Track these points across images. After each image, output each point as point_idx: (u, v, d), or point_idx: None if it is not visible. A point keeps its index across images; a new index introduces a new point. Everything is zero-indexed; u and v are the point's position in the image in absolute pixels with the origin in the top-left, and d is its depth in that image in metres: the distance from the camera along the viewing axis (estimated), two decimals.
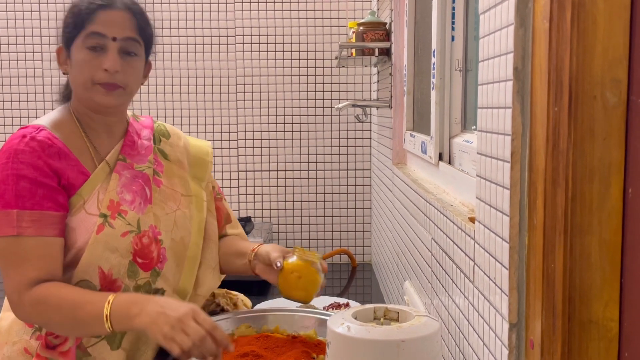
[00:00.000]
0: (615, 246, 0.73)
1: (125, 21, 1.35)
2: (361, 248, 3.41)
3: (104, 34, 1.32)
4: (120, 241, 1.33)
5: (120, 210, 1.35)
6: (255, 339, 1.38)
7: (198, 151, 1.58)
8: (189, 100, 3.32)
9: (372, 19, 2.51)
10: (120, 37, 1.33)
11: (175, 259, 1.43)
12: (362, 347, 0.96)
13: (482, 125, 1.01)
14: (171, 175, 1.48)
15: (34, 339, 1.33)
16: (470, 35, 1.58)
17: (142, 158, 1.44)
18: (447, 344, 1.31)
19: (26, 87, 3.32)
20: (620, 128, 0.71)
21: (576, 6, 0.70)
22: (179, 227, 1.44)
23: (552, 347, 0.76)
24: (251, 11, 3.28)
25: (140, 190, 1.40)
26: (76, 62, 1.34)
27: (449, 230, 1.29)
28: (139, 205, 1.38)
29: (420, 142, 1.90)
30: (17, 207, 1.26)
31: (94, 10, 1.33)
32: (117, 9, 1.35)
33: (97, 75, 1.33)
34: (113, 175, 1.37)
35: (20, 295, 1.25)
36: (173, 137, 1.55)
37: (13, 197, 1.26)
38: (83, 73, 1.33)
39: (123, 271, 1.34)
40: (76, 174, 1.33)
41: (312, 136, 3.34)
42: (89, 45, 1.32)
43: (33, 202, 1.27)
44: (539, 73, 0.78)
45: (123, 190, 1.37)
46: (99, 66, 1.32)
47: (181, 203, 1.47)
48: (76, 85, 1.36)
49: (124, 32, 1.34)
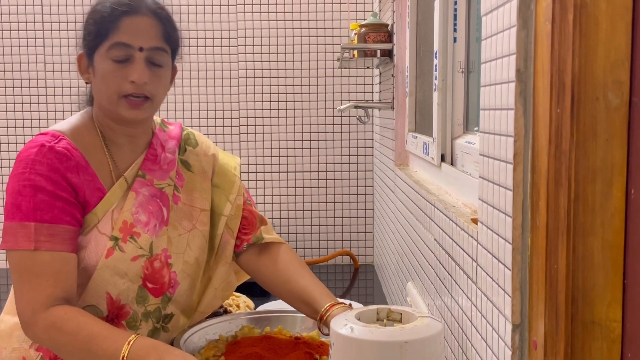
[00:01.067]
0: (617, 247, 0.73)
1: (151, 28, 1.26)
2: (363, 249, 3.41)
3: (129, 44, 1.24)
4: (130, 265, 1.27)
5: (133, 233, 1.28)
6: (258, 340, 1.38)
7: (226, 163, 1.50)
8: (192, 102, 3.33)
9: (374, 21, 2.52)
10: (147, 47, 1.25)
11: (190, 281, 1.37)
12: (365, 348, 0.96)
13: (485, 127, 1.01)
14: (191, 188, 1.40)
15: (33, 349, 1.28)
16: (472, 37, 1.58)
17: (164, 174, 1.36)
18: (450, 345, 1.31)
19: (37, 89, 3.33)
20: (623, 129, 0.71)
21: (578, 8, 0.71)
22: (193, 248, 1.37)
23: (555, 347, 0.76)
24: (253, 13, 3.28)
25: (157, 211, 1.33)
26: (100, 74, 1.26)
27: (452, 232, 1.29)
28: (154, 227, 1.31)
29: (422, 143, 1.90)
30: (35, 220, 1.20)
31: (117, 17, 1.24)
32: (143, 15, 1.25)
33: (124, 87, 1.25)
34: (130, 194, 1.30)
35: (35, 314, 1.19)
36: (200, 146, 1.47)
37: (31, 209, 1.20)
38: (108, 86, 1.25)
39: (132, 296, 1.29)
40: (92, 190, 1.27)
41: (314, 137, 3.34)
42: (114, 57, 1.24)
43: (51, 215, 1.21)
44: (541, 75, 0.78)
45: (139, 211, 1.30)
46: (125, 78, 1.24)
47: (198, 220, 1.39)
48: (100, 97, 1.28)
49: (150, 41, 1.25)
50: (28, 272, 1.20)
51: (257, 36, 3.29)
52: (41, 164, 1.22)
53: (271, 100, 3.32)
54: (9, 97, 3.31)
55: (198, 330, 1.42)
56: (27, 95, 3.32)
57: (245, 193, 1.52)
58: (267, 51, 3.30)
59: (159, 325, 1.33)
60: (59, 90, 3.30)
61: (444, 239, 1.38)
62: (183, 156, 1.42)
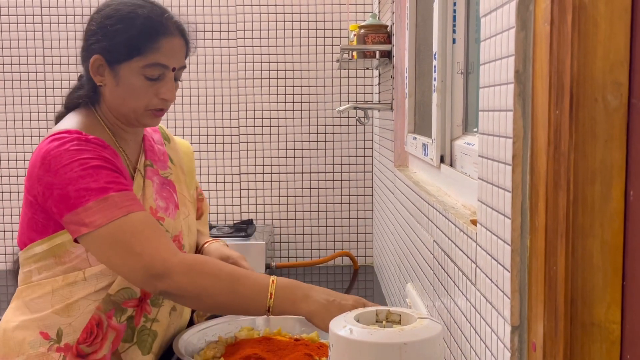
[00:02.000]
0: (616, 248, 0.73)
1: (181, 49, 1.34)
2: (363, 250, 3.41)
3: (167, 65, 1.30)
4: None
5: (158, 218, 1.34)
6: (258, 342, 1.38)
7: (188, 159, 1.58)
8: (191, 103, 3.33)
9: (374, 22, 2.52)
10: (177, 67, 1.33)
11: None
12: (364, 349, 0.96)
13: (484, 128, 1.01)
14: (178, 180, 1.48)
15: (53, 351, 1.27)
16: (471, 38, 1.58)
17: (163, 164, 1.44)
18: (449, 346, 1.31)
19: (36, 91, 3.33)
20: (622, 131, 0.71)
21: (577, 9, 0.71)
22: (191, 232, 1.47)
23: (554, 349, 0.76)
24: (252, 14, 3.28)
25: (169, 197, 1.40)
26: (128, 86, 1.29)
27: (451, 233, 1.29)
28: (173, 211, 1.39)
29: (421, 144, 1.91)
30: (113, 191, 1.21)
31: (155, 37, 1.28)
32: (176, 37, 1.32)
33: (153, 102, 1.31)
34: (147, 182, 1.36)
35: (167, 262, 1.18)
36: (172, 141, 1.56)
37: (103, 184, 1.21)
38: (138, 100, 1.30)
39: None
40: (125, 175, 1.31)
41: (313, 139, 3.34)
42: (149, 75, 1.28)
43: (121, 185, 1.23)
44: (540, 76, 0.78)
45: (157, 197, 1.37)
46: (155, 93, 1.30)
47: (188, 208, 1.49)
48: (123, 107, 1.32)
49: (180, 61, 1.34)
50: (132, 235, 1.20)
51: (256, 37, 3.29)
52: (87, 151, 1.23)
53: (270, 101, 3.32)
54: (8, 98, 3.31)
55: (197, 332, 1.42)
56: (27, 97, 3.32)
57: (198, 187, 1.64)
58: (267, 52, 3.30)
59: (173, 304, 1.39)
60: (58, 92, 3.29)
61: (443, 240, 1.38)
62: (167, 149, 1.51)
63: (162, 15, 1.31)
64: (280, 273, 3.27)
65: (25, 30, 3.29)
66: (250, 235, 3.00)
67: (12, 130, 3.33)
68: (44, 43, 3.30)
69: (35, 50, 3.30)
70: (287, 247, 3.40)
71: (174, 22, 1.33)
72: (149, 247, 1.19)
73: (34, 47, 3.29)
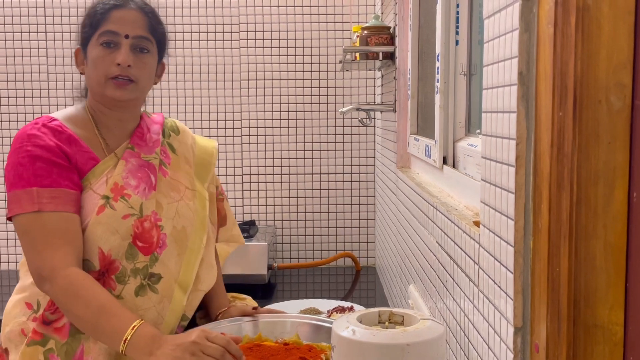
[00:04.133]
0: (620, 250, 0.73)
1: (137, 20, 1.42)
2: (365, 252, 3.41)
3: (116, 31, 1.40)
4: (121, 223, 1.38)
5: (123, 194, 1.40)
6: (248, 348, 1.36)
7: (203, 152, 1.62)
8: (194, 104, 3.33)
9: (376, 23, 2.52)
10: (132, 35, 1.41)
11: (177, 247, 1.46)
12: (367, 350, 0.96)
13: (487, 130, 1.01)
14: (177, 168, 1.53)
15: (30, 320, 1.38)
16: (474, 40, 1.58)
17: (150, 150, 1.49)
18: (451, 347, 1.31)
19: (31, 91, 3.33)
20: (625, 132, 0.71)
21: (580, 11, 0.71)
22: (181, 217, 1.48)
23: (557, 351, 0.76)
24: (255, 15, 3.29)
25: (145, 177, 1.45)
26: (91, 60, 1.41)
27: (454, 234, 1.29)
28: (143, 190, 1.43)
29: (424, 145, 1.91)
30: (36, 185, 1.32)
31: (108, 10, 1.41)
32: (130, 9, 1.42)
33: (110, 70, 1.39)
34: (120, 162, 1.43)
35: (54, 271, 1.29)
36: (182, 134, 1.60)
37: (32, 176, 1.32)
38: (97, 69, 1.40)
39: (122, 252, 1.38)
40: (86, 159, 1.40)
41: (316, 140, 3.34)
42: (102, 41, 1.39)
43: (51, 180, 1.33)
44: (543, 77, 0.78)
45: (128, 176, 1.42)
46: (112, 61, 1.39)
47: (185, 195, 1.51)
48: (91, 81, 1.42)
49: (135, 30, 1.41)
50: (38, 233, 1.32)
51: (259, 38, 3.29)
52: (36, 137, 1.35)
53: (273, 102, 3.32)
54: (12, 98, 3.32)
55: None
56: (30, 97, 3.33)
57: (219, 186, 1.68)
58: (269, 53, 3.30)
59: (145, 282, 1.41)
60: (61, 92, 3.30)
61: (446, 242, 1.38)
62: (168, 139, 1.56)
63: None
64: (282, 274, 3.27)
65: (29, 31, 3.30)
66: (253, 236, 3.00)
67: (13, 130, 3.33)
68: (47, 44, 3.30)
69: (38, 51, 3.30)
70: (290, 248, 3.41)
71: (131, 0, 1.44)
72: (48, 251, 1.30)
73: (37, 48, 3.30)
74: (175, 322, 1.45)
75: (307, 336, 1.42)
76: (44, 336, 1.35)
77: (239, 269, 2.82)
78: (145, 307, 1.40)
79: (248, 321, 1.48)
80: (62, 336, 1.35)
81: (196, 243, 1.50)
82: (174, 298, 1.44)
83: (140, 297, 1.40)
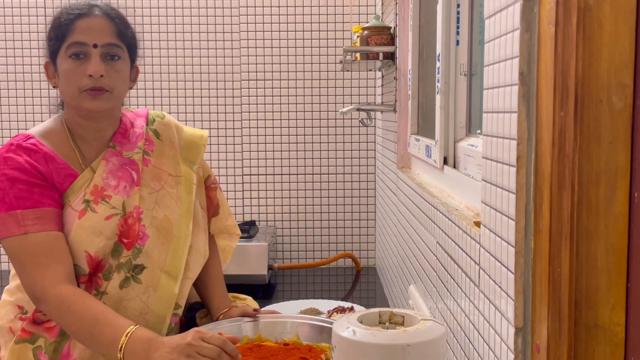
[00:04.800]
0: (621, 250, 0.72)
1: (104, 27, 1.38)
2: (365, 252, 3.41)
3: (84, 42, 1.36)
4: (105, 224, 1.38)
5: (104, 196, 1.40)
6: (248, 349, 1.36)
7: (191, 135, 1.61)
8: (194, 104, 3.33)
9: (377, 24, 2.52)
10: (101, 43, 1.37)
11: (159, 236, 1.46)
12: (368, 351, 0.96)
13: (488, 130, 1.01)
14: (161, 155, 1.52)
15: (17, 319, 1.41)
16: (475, 40, 1.58)
17: (132, 145, 1.48)
18: (452, 348, 1.31)
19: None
20: (626, 132, 0.71)
21: (582, 11, 0.70)
22: (161, 206, 1.47)
23: (558, 351, 0.76)
24: (256, 15, 3.29)
25: (126, 176, 1.44)
26: (62, 73, 1.38)
27: (454, 234, 1.29)
28: (124, 188, 1.43)
29: (424, 146, 1.90)
30: (19, 208, 1.32)
31: (72, 20, 1.37)
32: (95, 16, 1.38)
33: (83, 82, 1.36)
34: (101, 163, 1.42)
35: (45, 290, 1.30)
36: (166, 118, 1.59)
37: (13, 199, 1.32)
38: (69, 82, 1.37)
39: (108, 251, 1.39)
40: (63, 177, 1.38)
41: (316, 140, 3.34)
42: (70, 53, 1.36)
43: (33, 201, 1.33)
44: (544, 77, 0.78)
45: (109, 177, 1.42)
46: (83, 73, 1.36)
47: (166, 182, 1.50)
48: (65, 95, 1.40)
49: (104, 38, 1.38)
50: (27, 254, 1.32)
51: (259, 39, 3.29)
52: (12, 159, 1.35)
53: (273, 102, 3.32)
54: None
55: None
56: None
57: (211, 175, 1.66)
58: (270, 54, 3.30)
59: (129, 275, 1.42)
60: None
61: (447, 242, 1.38)
62: (152, 126, 1.54)
63: (84, 4, 1.41)
64: (282, 274, 3.27)
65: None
66: (253, 236, 3.00)
67: (15, 130, 3.34)
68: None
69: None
70: (290, 249, 3.41)
71: (95, 6, 1.41)
72: (37, 272, 1.31)
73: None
74: (167, 311, 1.45)
75: (307, 336, 1.42)
76: (33, 334, 1.38)
77: (239, 269, 2.82)
78: (129, 298, 1.42)
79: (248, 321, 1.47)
80: (51, 335, 1.38)
81: (182, 230, 1.50)
82: (161, 286, 1.45)
83: (124, 289, 1.41)
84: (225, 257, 1.73)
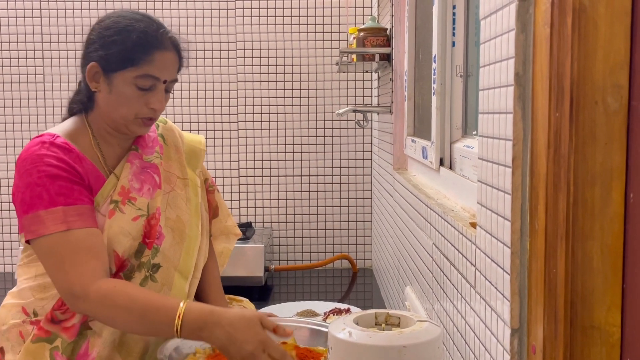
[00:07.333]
0: (617, 251, 0.73)
1: (174, 63, 1.40)
2: (362, 253, 3.40)
3: (158, 77, 1.36)
4: (132, 225, 1.39)
5: (130, 197, 1.41)
6: None
7: (191, 140, 1.63)
8: (190, 105, 3.33)
9: (373, 25, 2.52)
10: (169, 80, 1.39)
11: (174, 235, 1.47)
12: (364, 352, 0.96)
13: (483, 131, 1.01)
14: (168, 158, 1.54)
15: (27, 323, 1.39)
16: (470, 41, 1.58)
17: (151, 150, 1.50)
18: (448, 349, 1.31)
19: (35, 95, 3.32)
20: (622, 133, 0.71)
21: (577, 12, 0.71)
22: (173, 207, 1.49)
23: (554, 352, 0.76)
24: (252, 17, 3.29)
25: (148, 179, 1.46)
26: (120, 94, 1.36)
27: (450, 236, 1.29)
28: (148, 190, 1.44)
29: (421, 147, 1.90)
30: (61, 204, 1.31)
31: (149, 50, 1.35)
32: (169, 50, 1.38)
33: (142, 111, 1.37)
34: (125, 165, 1.43)
35: (85, 288, 1.28)
36: (169, 123, 1.61)
37: (54, 195, 1.30)
38: (128, 108, 1.37)
39: (132, 251, 1.40)
40: (95, 178, 1.39)
41: (312, 141, 3.34)
42: (141, 85, 1.35)
43: (74, 198, 1.32)
44: (540, 78, 0.78)
45: (133, 179, 1.43)
46: (145, 104, 1.37)
47: (176, 184, 1.52)
48: (114, 113, 1.39)
49: (172, 74, 1.40)
50: (66, 251, 1.30)
51: (255, 40, 3.29)
52: (48, 156, 1.33)
53: (269, 104, 3.32)
54: (7, 101, 3.31)
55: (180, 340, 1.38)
56: (26, 103, 3.32)
57: (209, 178, 1.68)
58: (266, 55, 3.30)
59: (148, 274, 1.43)
60: (57, 95, 3.29)
61: (443, 243, 1.38)
62: (159, 131, 1.56)
63: (158, 30, 1.38)
64: (279, 276, 3.26)
65: (25, 41, 3.29)
66: (249, 238, 3.00)
67: (12, 132, 3.33)
68: (44, 53, 3.30)
69: (35, 60, 3.30)
70: (286, 250, 3.40)
71: (169, 37, 1.40)
72: (76, 268, 1.29)
73: (33, 57, 3.29)
74: None
75: (304, 340, 1.42)
76: (51, 334, 1.36)
77: (235, 271, 2.81)
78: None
79: None
80: (69, 335, 1.36)
81: (193, 230, 1.52)
82: (175, 285, 1.46)
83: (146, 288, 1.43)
84: (223, 260, 1.74)
